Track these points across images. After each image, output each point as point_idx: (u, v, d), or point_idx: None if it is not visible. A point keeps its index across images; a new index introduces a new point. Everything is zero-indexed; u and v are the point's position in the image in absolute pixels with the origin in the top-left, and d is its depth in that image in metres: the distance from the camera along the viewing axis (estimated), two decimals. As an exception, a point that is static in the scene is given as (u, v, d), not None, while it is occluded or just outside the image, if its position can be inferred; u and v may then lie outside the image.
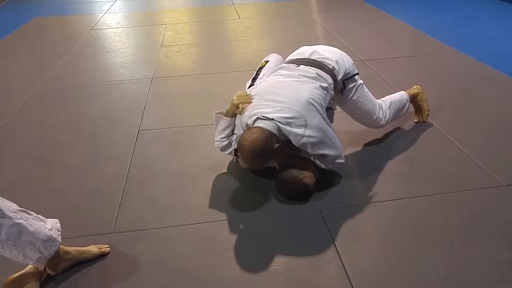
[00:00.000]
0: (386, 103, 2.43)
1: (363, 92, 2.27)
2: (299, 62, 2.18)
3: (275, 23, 5.36)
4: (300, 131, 1.90)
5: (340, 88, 2.20)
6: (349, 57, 2.30)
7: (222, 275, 1.67)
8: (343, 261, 1.69)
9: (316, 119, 1.94)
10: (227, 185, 2.20)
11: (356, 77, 2.24)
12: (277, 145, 1.91)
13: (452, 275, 1.62)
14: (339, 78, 2.15)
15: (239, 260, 1.74)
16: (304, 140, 1.92)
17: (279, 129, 1.91)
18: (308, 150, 1.99)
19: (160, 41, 4.63)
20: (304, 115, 1.91)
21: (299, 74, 2.08)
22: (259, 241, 1.83)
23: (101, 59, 4.19)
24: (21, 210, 1.52)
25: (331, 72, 2.13)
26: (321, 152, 1.99)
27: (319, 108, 1.98)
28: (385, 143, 2.50)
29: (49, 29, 5.54)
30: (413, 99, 2.62)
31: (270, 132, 1.89)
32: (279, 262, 1.72)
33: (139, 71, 3.81)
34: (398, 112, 2.50)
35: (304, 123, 1.90)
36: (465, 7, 5.47)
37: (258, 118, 1.94)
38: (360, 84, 2.26)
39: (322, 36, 4.60)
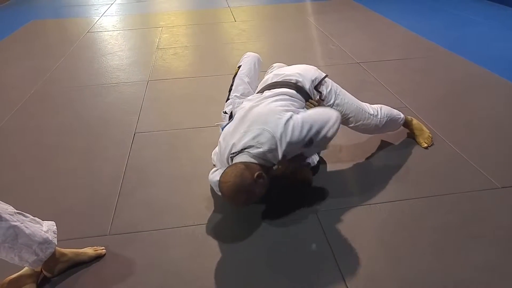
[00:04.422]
0: (372, 105, 2.34)
1: (342, 92, 2.23)
2: (262, 90, 2.12)
3: (270, 25, 5.38)
4: (271, 145, 1.79)
5: (318, 95, 2.14)
6: (309, 65, 2.26)
7: (217, 277, 1.67)
8: (338, 263, 1.70)
9: (282, 122, 1.81)
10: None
11: (326, 79, 2.20)
12: (257, 173, 1.75)
13: (446, 277, 1.63)
14: (307, 87, 2.10)
15: (234, 262, 1.75)
16: (279, 152, 1.80)
17: (254, 156, 1.79)
18: (294, 154, 1.89)
19: (156, 44, 4.64)
20: (267, 128, 1.80)
21: (259, 100, 2.00)
22: (254, 243, 1.84)
23: (98, 62, 4.19)
24: (17, 213, 1.53)
25: (295, 85, 2.08)
26: (306, 138, 1.84)
27: (287, 109, 1.90)
28: (380, 146, 2.51)
29: (46, 32, 5.55)
30: (410, 124, 2.51)
31: (243, 164, 1.77)
32: (275, 264, 1.73)
33: (135, 73, 3.82)
34: (392, 118, 2.37)
35: (270, 135, 1.79)
36: (460, 10, 5.50)
37: (229, 157, 1.85)
38: (336, 86, 2.22)
39: (317, 39, 4.62)
